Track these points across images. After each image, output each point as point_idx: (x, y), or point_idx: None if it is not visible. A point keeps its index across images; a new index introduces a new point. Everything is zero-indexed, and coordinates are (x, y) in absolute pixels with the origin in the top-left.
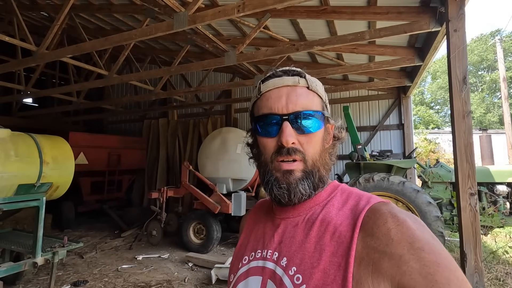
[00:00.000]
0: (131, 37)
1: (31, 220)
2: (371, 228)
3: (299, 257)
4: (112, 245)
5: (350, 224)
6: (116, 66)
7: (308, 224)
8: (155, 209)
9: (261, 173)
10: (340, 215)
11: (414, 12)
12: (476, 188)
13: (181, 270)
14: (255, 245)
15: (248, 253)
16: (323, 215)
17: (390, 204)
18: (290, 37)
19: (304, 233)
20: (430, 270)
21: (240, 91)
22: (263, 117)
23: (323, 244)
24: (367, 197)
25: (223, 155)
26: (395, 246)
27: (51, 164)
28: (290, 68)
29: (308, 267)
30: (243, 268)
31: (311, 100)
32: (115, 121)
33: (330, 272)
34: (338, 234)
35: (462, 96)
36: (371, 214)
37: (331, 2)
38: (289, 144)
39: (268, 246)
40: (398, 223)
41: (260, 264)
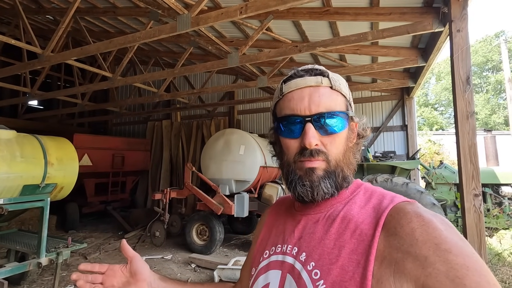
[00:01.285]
0: (135, 39)
1: (36, 221)
2: (394, 227)
3: (318, 253)
4: (116, 246)
5: (372, 222)
6: (120, 68)
7: (329, 220)
8: (158, 210)
9: (284, 173)
10: (362, 213)
11: (417, 12)
12: (481, 189)
13: (184, 271)
14: (276, 239)
15: (269, 247)
16: (344, 213)
17: (416, 203)
18: (293, 39)
19: (324, 230)
20: (458, 274)
21: (243, 92)
22: (286, 118)
23: (343, 241)
24: (391, 196)
25: (227, 156)
26: (420, 247)
27: (55, 165)
28: (313, 67)
29: (327, 263)
30: (264, 262)
31: (334, 100)
32: (120, 123)
33: (348, 269)
34: (359, 232)
35: (466, 97)
36: (394, 213)
37: (334, 3)
38: (312, 146)
39: (288, 241)
40: (424, 223)
41: (280, 258)
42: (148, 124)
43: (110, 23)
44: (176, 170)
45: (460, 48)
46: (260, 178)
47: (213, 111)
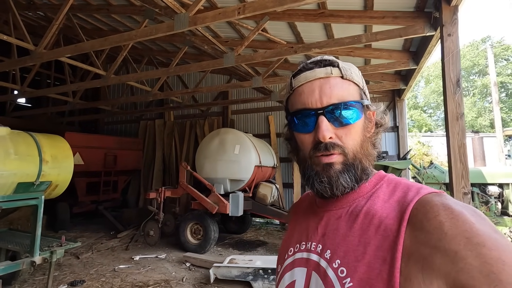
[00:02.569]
0: (131, 38)
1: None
2: (420, 221)
3: (343, 250)
4: (108, 246)
5: (397, 216)
6: (114, 66)
7: (352, 216)
8: (152, 209)
9: (301, 169)
10: (386, 207)
11: (409, 17)
12: (470, 188)
13: (179, 270)
14: (300, 237)
15: (293, 244)
16: (367, 207)
17: (444, 195)
18: (288, 40)
19: (347, 226)
20: (493, 269)
21: (237, 92)
22: (298, 112)
23: (367, 237)
24: (417, 188)
25: (222, 155)
26: (449, 241)
27: (50, 163)
28: (322, 58)
29: (352, 260)
30: (289, 259)
31: (346, 89)
32: (111, 122)
33: (375, 266)
34: (383, 228)
35: (456, 98)
36: (420, 206)
37: (329, 6)
38: (327, 139)
39: (311, 238)
40: (453, 215)
41: (305, 256)
42: (141, 123)
43: (103, 21)
44: (169, 170)
45: (451, 52)
46: (254, 177)
47: (207, 111)
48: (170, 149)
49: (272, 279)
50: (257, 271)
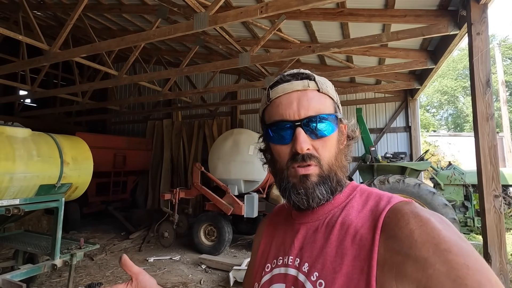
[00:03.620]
0: (149, 37)
1: (36, 221)
2: (392, 230)
3: (321, 262)
4: (121, 247)
5: (371, 226)
6: (127, 66)
7: (328, 228)
8: (166, 210)
9: (277, 181)
10: (360, 217)
11: (432, 15)
12: (501, 190)
13: (195, 272)
14: (277, 252)
15: (270, 260)
16: (342, 218)
17: (413, 203)
18: (301, 39)
19: (324, 238)
20: (459, 273)
21: (246, 92)
22: (275, 124)
23: (344, 248)
24: (388, 197)
25: (235, 156)
26: (419, 248)
27: (71, 165)
28: (299, 71)
29: (330, 272)
30: (266, 276)
31: (323, 103)
32: (118, 122)
33: (353, 276)
34: (359, 237)
35: (486, 99)
36: (392, 215)
37: (348, 5)
38: (304, 151)
39: (289, 253)
40: (422, 223)
41: (283, 271)
42: (148, 123)
43: (113, 20)
44: (177, 170)
45: (480, 51)
46: (268, 178)
47: (215, 111)
48: (178, 149)
49: None
50: None
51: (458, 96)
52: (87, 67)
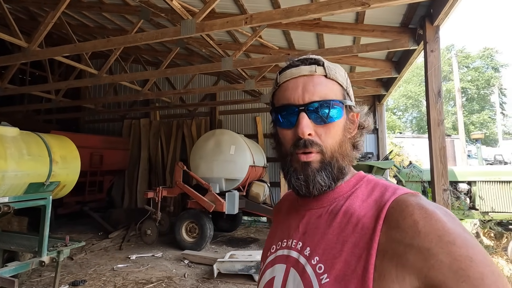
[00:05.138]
0: (136, 40)
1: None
2: (396, 220)
3: (322, 248)
4: (101, 246)
5: (374, 215)
6: (107, 66)
7: (332, 215)
8: (149, 208)
9: (281, 165)
10: (364, 207)
11: (395, 31)
12: (448, 185)
13: (178, 267)
14: (282, 235)
15: (275, 242)
16: (346, 207)
17: (419, 195)
18: (280, 46)
19: (327, 224)
20: (461, 265)
21: (225, 93)
22: (281, 108)
23: (345, 235)
24: (394, 188)
25: (218, 156)
26: (422, 239)
27: (60, 163)
28: (308, 56)
29: (330, 257)
30: (271, 257)
31: (329, 88)
32: (93, 121)
33: (351, 263)
34: (361, 226)
35: (437, 107)
36: (396, 206)
37: (323, 18)
38: (305, 136)
39: (293, 236)
40: (426, 214)
41: (285, 253)
42: (124, 122)
43: (90, 17)
44: (155, 169)
45: (433, 66)
46: (248, 177)
47: (194, 111)
48: (156, 148)
49: None
50: (260, 264)
51: (422, 100)
52: (58, 63)
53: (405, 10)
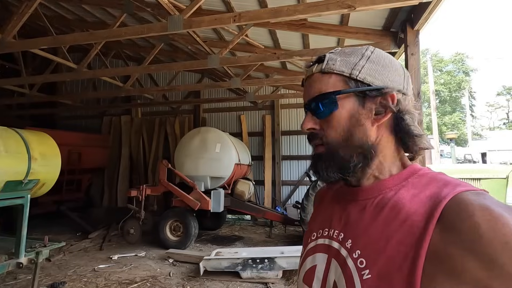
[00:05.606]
0: (120, 34)
1: None
2: (452, 221)
3: (364, 241)
4: (80, 247)
5: (426, 213)
6: (87, 59)
7: (377, 208)
8: (132, 207)
9: None
10: (415, 202)
11: (378, 34)
12: None
13: (163, 266)
14: (323, 223)
15: (316, 229)
16: (395, 200)
17: (484, 194)
18: (266, 44)
19: (371, 217)
20: None
21: (209, 91)
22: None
23: (390, 231)
24: (455, 184)
25: (203, 153)
26: (484, 245)
27: (39, 160)
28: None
29: (373, 253)
30: (311, 243)
31: (325, 83)
32: (70, 117)
33: (396, 260)
34: (409, 223)
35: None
36: (454, 204)
37: (309, 19)
38: (305, 130)
39: (334, 226)
40: (490, 217)
41: (327, 242)
42: (104, 119)
43: (68, 9)
44: (137, 168)
45: (413, 69)
46: (234, 175)
47: (177, 108)
48: (137, 146)
49: (260, 267)
50: (246, 261)
51: None
52: (31, 56)
53: (388, 14)
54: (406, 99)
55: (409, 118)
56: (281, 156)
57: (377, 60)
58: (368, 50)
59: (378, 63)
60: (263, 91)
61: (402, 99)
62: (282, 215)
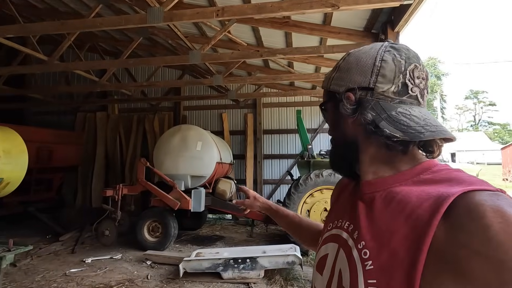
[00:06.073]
0: (95, 25)
1: None
2: (461, 219)
3: (370, 233)
4: (50, 250)
5: (431, 207)
6: (59, 52)
7: (385, 201)
8: (107, 207)
9: None
10: (422, 197)
11: (360, 35)
12: None
13: (140, 268)
14: (338, 214)
15: (332, 220)
16: (403, 194)
17: (499, 195)
18: (248, 42)
19: (378, 210)
20: None
21: (190, 88)
22: None
23: (396, 224)
24: (469, 182)
25: (184, 152)
26: (494, 249)
27: (3, 158)
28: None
29: (377, 245)
30: (326, 234)
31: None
32: (41, 113)
33: (398, 254)
34: (414, 217)
35: None
36: (464, 203)
37: (293, 17)
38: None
39: (346, 217)
40: (502, 220)
41: (338, 232)
42: (78, 115)
43: None
44: (113, 166)
45: None
46: (215, 173)
47: (157, 105)
48: (114, 144)
49: (242, 267)
50: (228, 261)
51: None
52: None
53: (369, 15)
54: (374, 93)
55: (373, 115)
56: (262, 155)
57: (343, 67)
58: (341, 59)
59: (343, 69)
60: (245, 89)
61: (364, 95)
62: (264, 214)
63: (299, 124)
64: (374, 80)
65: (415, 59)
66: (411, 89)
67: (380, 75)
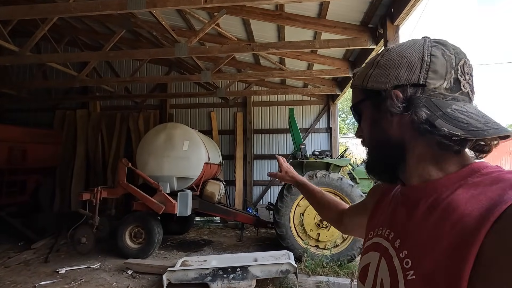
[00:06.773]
0: (68, 10)
1: None
2: None
3: (412, 241)
4: (20, 259)
5: (481, 215)
6: (32, 42)
7: (430, 208)
8: (84, 212)
9: None
10: (471, 203)
11: (356, 29)
12: None
13: (120, 279)
14: (378, 221)
15: (373, 228)
16: (449, 201)
17: None
18: (239, 37)
19: (422, 217)
20: None
21: (177, 85)
22: None
23: (441, 233)
24: None
25: (169, 152)
26: None
27: None
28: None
29: (419, 254)
30: (368, 242)
31: (354, 96)
32: (16, 110)
33: (442, 264)
34: (461, 225)
35: None
36: None
37: (286, 10)
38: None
39: (386, 225)
40: None
41: (379, 241)
42: (56, 112)
43: None
44: (94, 167)
45: None
46: (203, 175)
47: (142, 103)
48: (95, 144)
49: (231, 277)
50: (216, 271)
51: None
52: None
53: (366, 9)
54: (426, 89)
55: (427, 113)
56: (252, 156)
57: (384, 63)
58: (380, 55)
59: (384, 66)
60: (235, 87)
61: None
62: (254, 217)
63: (291, 123)
64: (425, 76)
65: (463, 54)
66: (463, 85)
67: (431, 70)
